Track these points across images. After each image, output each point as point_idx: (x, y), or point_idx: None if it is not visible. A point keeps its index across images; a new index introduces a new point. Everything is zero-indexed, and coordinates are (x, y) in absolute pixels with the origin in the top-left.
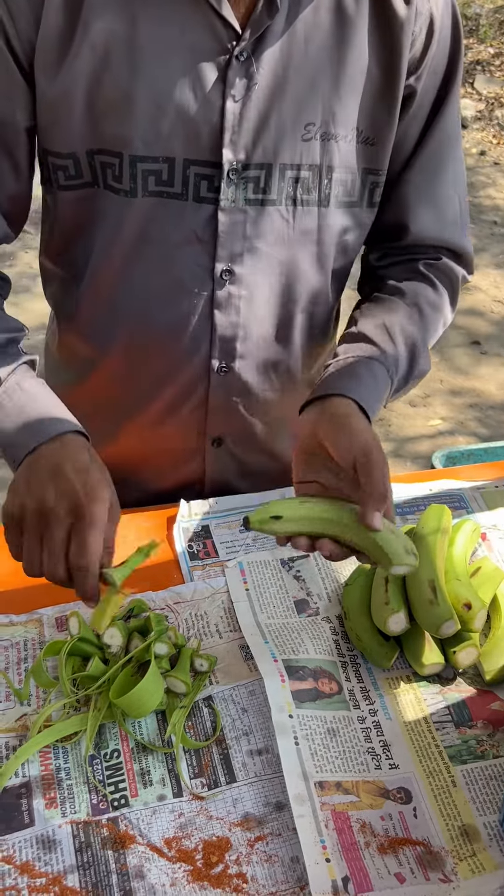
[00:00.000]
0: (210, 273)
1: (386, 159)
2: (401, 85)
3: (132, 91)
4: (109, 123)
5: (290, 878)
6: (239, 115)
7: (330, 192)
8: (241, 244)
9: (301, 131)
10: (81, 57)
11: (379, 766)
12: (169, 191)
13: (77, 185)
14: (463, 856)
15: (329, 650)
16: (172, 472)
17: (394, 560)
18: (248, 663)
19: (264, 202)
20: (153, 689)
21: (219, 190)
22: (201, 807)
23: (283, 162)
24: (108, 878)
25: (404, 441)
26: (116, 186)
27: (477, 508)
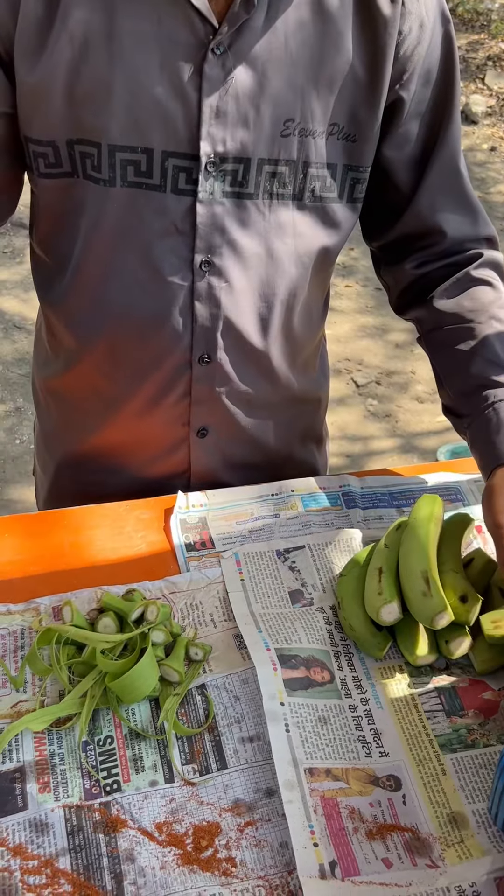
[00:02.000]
0: (189, 264)
1: (369, 156)
2: (385, 83)
3: (110, 81)
4: (88, 113)
5: (278, 862)
6: (216, 108)
7: (305, 186)
8: (220, 236)
9: (280, 128)
10: (60, 47)
11: (369, 753)
12: (147, 182)
13: (57, 173)
14: (451, 842)
15: (322, 640)
16: (158, 463)
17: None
18: (241, 652)
19: (241, 195)
20: (148, 674)
21: (197, 182)
22: (192, 792)
23: (260, 157)
24: (99, 860)
25: (412, 436)
26: (96, 176)
27: (473, 501)
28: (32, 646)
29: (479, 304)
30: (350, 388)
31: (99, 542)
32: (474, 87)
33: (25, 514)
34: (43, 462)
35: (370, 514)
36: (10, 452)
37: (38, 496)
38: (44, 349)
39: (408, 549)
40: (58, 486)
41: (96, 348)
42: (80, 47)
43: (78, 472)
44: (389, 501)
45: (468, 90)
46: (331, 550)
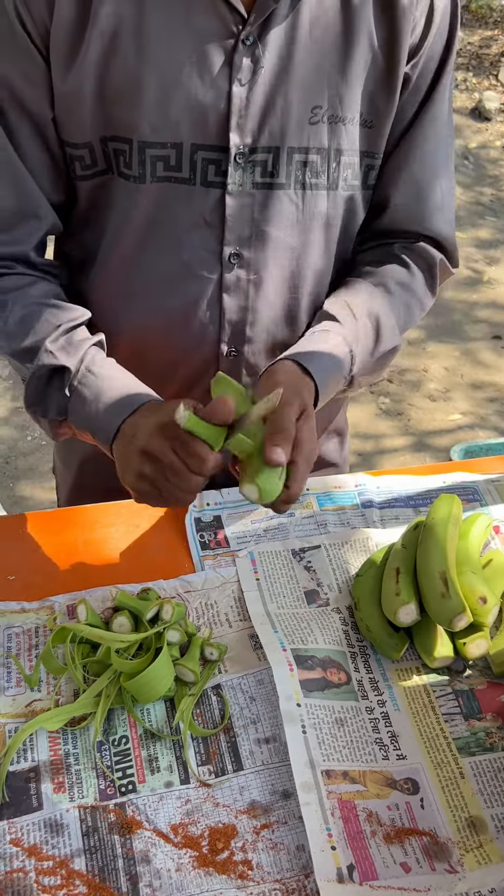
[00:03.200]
0: (218, 257)
1: (383, 143)
2: (401, 70)
3: (140, 76)
4: (119, 109)
5: (295, 865)
6: (245, 98)
7: (339, 175)
8: (250, 228)
9: (308, 114)
10: (92, 46)
11: (387, 756)
12: (177, 176)
13: (92, 174)
14: (469, 847)
15: (338, 640)
16: None
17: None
18: (257, 652)
19: (273, 186)
20: (163, 674)
21: (226, 174)
22: (208, 794)
23: (290, 145)
24: (114, 862)
25: (424, 435)
26: (127, 173)
27: (491, 501)
28: (47, 644)
29: (381, 272)
30: None
31: (113, 541)
32: (488, 84)
33: (40, 512)
34: (64, 459)
35: (387, 514)
36: (21, 449)
37: (60, 494)
38: None
39: (426, 549)
40: (81, 483)
41: (122, 342)
42: (110, 43)
43: (102, 468)
44: (406, 501)
45: (481, 86)
46: (347, 550)
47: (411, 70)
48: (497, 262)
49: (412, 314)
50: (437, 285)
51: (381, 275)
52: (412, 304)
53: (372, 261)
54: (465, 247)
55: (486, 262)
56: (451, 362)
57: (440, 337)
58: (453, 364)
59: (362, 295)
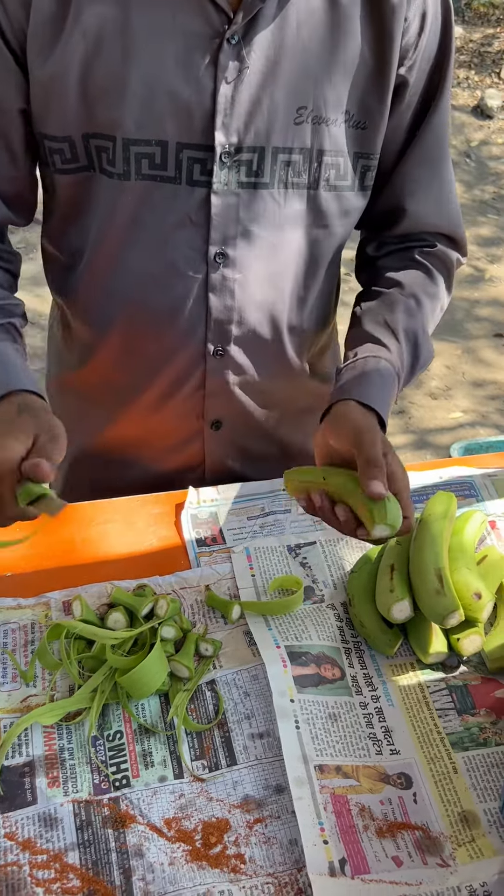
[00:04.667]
0: (204, 256)
1: (378, 143)
2: (392, 70)
3: (124, 75)
4: (102, 107)
5: (287, 859)
6: (231, 98)
7: (319, 175)
8: (235, 227)
9: (293, 115)
10: (74, 41)
11: (380, 751)
12: (162, 174)
13: (73, 168)
14: (462, 841)
15: (332, 636)
16: (173, 455)
17: (377, 521)
18: (251, 648)
19: (257, 185)
20: (156, 669)
21: (211, 173)
22: (202, 788)
23: (275, 145)
24: (107, 856)
25: (425, 433)
26: (110, 170)
27: (487, 496)
28: (42, 640)
29: (409, 282)
30: None
31: (110, 537)
32: (490, 81)
33: None
34: None
35: None
36: None
37: (53, 490)
38: (57, 344)
39: (420, 546)
40: (72, 481)
41: (110, 341)
42: (94, 42)
43: (92, 466)
44: None
45: (483, 84)
46: (342, 547)
47: (407, 72)
48: (499, 259)
49: (436, 320)
50: (453, 283)
51: (410, 286)
52: (436, 310)
53: (394, 266)
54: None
55: (488, 259)
56: (453, 360)
57: (441, 335)
58: (454, 362)
59: (399, 314)
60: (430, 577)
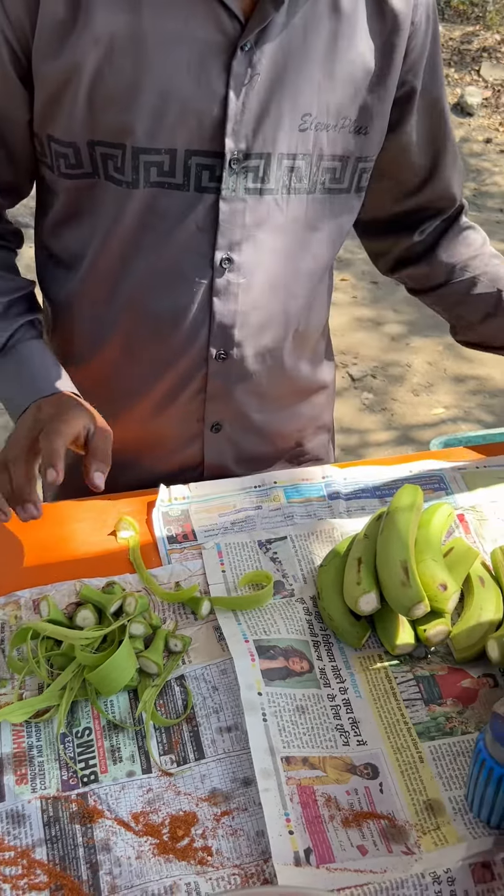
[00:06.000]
0: (210, 261)
1: (377, 147)
2: (395, 75)
3: (136, 83)
4: (112, 115)
5: (254, 850)
6: (241, 105)
7: (318, 179)
8: (241, 232)
9: (298, 121)
10: (83, 48)
11: (347, 742)
12: (170, 181)
13: (77, 174)
14: (427, 829)
15: (301, 630)
16: (172, 458)
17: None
18: (221, 643)
19: (262, 191)
20: (124, 665)
21: (220, 179)
22: (170, 782)
23: (281, 151)
24: (74, 851)
25: (408, 429)
26: (118, 178)
27: (457, 489)
28: (9, 648)
29: (473, 250)
30: (346, 382)
31: (81, 536)
32: (469, 79)
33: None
34: None
35: (353, 505)
36: None
37: (46, 493)
38: (52, 350)
39: (387, 538)
40: (69, 482)
41: (110, 345)
42: (106, 49)
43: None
44: (373, 491)
45: (463, 81)
46: (313, 541)
47: (413, 77)
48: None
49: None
50: None
51: (479, 250)
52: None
53: (449, 240)
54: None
55: None
56: (435, 356)
57: (423, 331)
58: (436, 358)
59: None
60: (395, 570)
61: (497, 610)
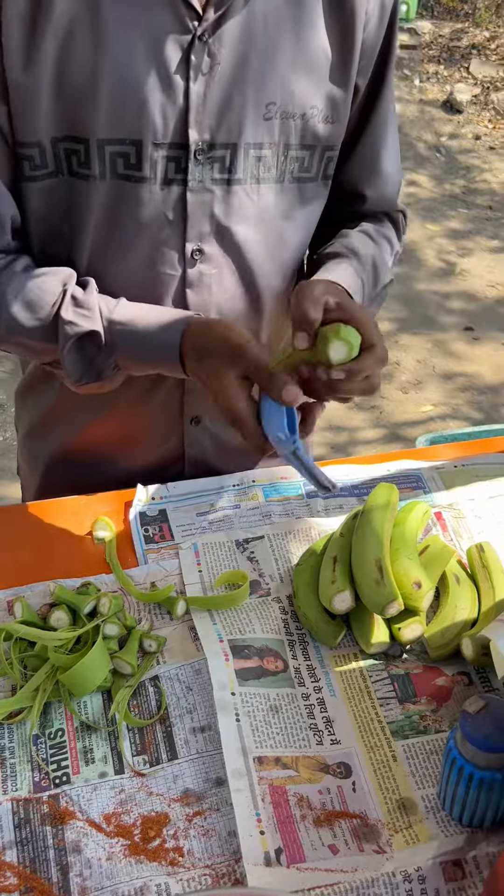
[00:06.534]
0: (181, 253)
1: (342, 135)
2: (355, 64)
3: (96, 74)
4: (75, 108)
5: (226, 851)
6: (203, 95)
7: (286, 168)
8: (210, 223)
9: (263, 110)
10: (46, 43)
11: (321, 741)
12: (136, 174)
13: (41, 175)
14: (399, 828)
15: (276, 629)
16: (152, 452)
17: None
18: (195, 643)
19: (230, 181)
20: (97, 666)
21: (186, 171)
22: (142, 783)
23: (247, 141)
24: (45, 853)
25: (396, 426)
26: (83, 172)
27: (434, 488)
28: None
29: (360, 226)
30: None
31: (57, 536)
32: (459, 76)
33: None
34: (30, 459)
35: (331, 504)
36: None
37: (26, 493)
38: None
39: (362, 537)
40: (49, 482)
41: None
42: (65, 40)
43: (70, 465)
44: (351, 490)
45: (452, 79)
46: (290, 540)
47: (368, 62)
48: (469, 253)
49: (388, 264)
50: (403, 237)
51: (361, 227)
52: (390, 252)
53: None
54: (437, 238)
55: (459, 253)
56: (423, 354)
57: (412, 329)
58: (425, 356)
59: (353, 240)
60: (370, 568)
61: (472, 608)
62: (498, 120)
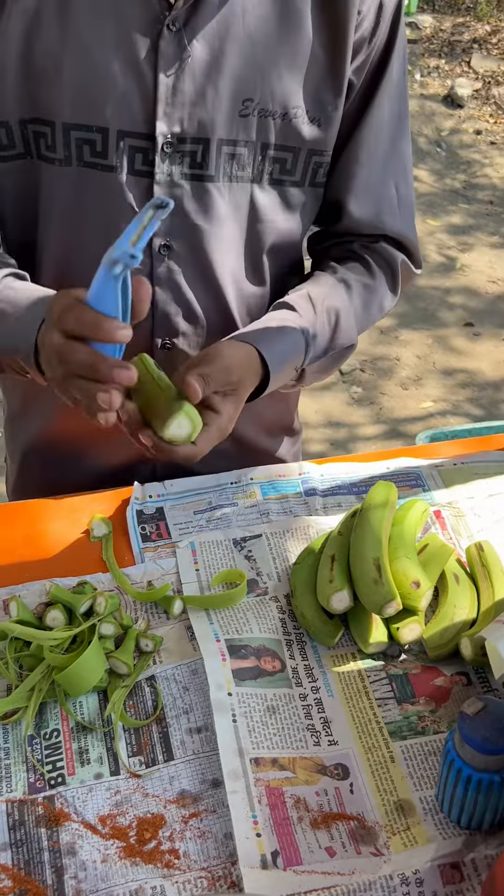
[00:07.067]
0: (149, 248)
1: (332, 141)
2: (346, 66)
3: (62, 57)
4: (41, 90)
5: (222, 853)
6: (172, 87)
7: (263, 169)
8: (179, 220)
9: (239, 107)
10: (13, 20)
11: (318, 742)
12: (103, 163)
13: (10, 155)
14: (397, 830)
15: (274, 629)
16: (124, 450)
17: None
18: (192, 643)
19: (202, 178)
20: (92, 666)
21: (153, 164)
22: (138, 784)
23: (220, 137)
24: (40, 855)
25: (396, 422)
26: (50, 156)
27: (434, 486)
28: None
29: (344, 268)
30: (334, 376)
31: (54, 535)
32: (460, 70)
33: None
34: (11, 450)
35: (329, 502)
36: None
37: (8, 486)
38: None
39: (360, 535)
40: (24, 476)
41: None
42: (32, 20)
43: (43, 460)
44: (349, 488)
45: (454, 73)
46: (288, 539)
47: (361, 65)
48: (470, 248)
49: (371, 314)
50: (400, 285)
51: (345, 272)
52: (372, 304)
53: (336, 257)
54: (437, 233)
55: (460, 248)
56: (424, 350)
57: (413, 324)
58: (425, 351)
59: (324, 288)
60: (368, 567)
61: (471, 608)
62: (499, 115)
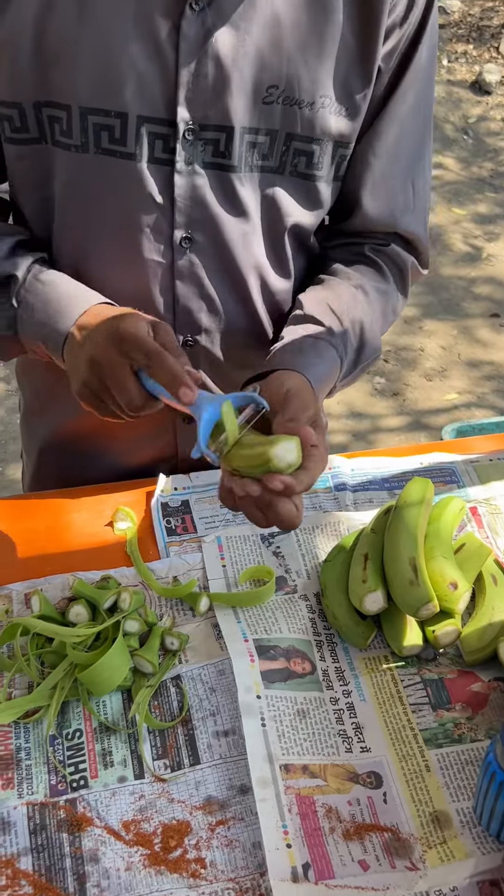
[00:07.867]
0: (169, 241)
1: (356, 132)
2: (377, 55)
3: (80, 37)
4: (57, 72)
5: (250, 863)
6: (195, 71)
7: (287, 160)
8: (201, 211)
9: (263, 94)
10: (26, 1)
11: (350, 749)
12: (122, 150)
13: (24, 139)
14: (433, 843)
15: (304, 629)
16: (144, 448)
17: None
18: (219, 642)
19: (224, 167)
20: (117, 664)
21: (174, 151)
22: (163, 789)
23: (242, 125)
24: (61, 861)
25: (420, 415)
26: (66, 142)
27: (469, 483)
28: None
29: (358, 275)
30: None
31: (77, 528)
32: (488, 56)
33: (2, 500)
34: (27, 444)
35: (360, 497)
36: (11, 432)
37: (24, 480)
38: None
39: (395, 534)
40: (41, 471)
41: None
42: (47, 0)
43: (60, 456)
44: (381, 483)
45: (482, 59)
46: (317, 535)
47: (386, 56)
48: (496, 237)
49: (387, 320)
50: (409, 288)
51: (358, 277)
52: (388, 311)
53: (343, 259)
54: (463, 222)
55: (486, 237)
56: (448, 340)
57: (437, 315)
58: (450, 342)
59: (345, 299)
60: (403, 567)
61: None
62: None
